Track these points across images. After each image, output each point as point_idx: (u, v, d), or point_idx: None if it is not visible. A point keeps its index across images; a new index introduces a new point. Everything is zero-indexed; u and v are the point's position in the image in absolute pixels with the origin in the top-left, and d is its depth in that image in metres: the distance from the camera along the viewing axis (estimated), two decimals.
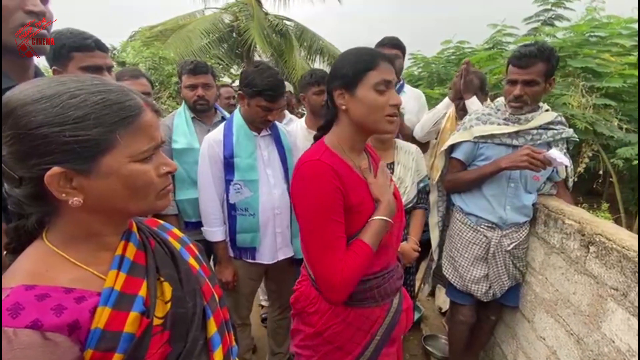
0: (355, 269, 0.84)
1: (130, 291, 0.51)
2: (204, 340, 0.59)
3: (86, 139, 0.45)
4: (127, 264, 0.53)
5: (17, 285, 0.44)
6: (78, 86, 0.46)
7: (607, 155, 2.38)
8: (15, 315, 0.42)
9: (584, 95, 2.39)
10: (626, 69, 2.33)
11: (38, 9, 0.76)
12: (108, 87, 0.48)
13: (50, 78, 0.49)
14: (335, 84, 0.88)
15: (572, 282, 1.25)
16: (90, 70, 1.12)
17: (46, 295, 0.45)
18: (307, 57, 9.88)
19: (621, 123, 2.34)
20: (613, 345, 1.04)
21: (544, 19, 3.86)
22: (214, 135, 1.48)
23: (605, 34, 2.60)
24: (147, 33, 8.17)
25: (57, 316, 0.44)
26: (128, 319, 0.49)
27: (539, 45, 1.33)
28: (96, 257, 0.52)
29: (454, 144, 1.57)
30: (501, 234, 1.48)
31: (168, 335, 0.53)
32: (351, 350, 0.96)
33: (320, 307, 0.96)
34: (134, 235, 0.57)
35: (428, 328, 2.31)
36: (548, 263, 1.40)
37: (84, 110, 0.45)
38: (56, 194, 0.46)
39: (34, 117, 0.43)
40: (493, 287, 1.52)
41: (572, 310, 1.23)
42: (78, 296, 0.47)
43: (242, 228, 1.48)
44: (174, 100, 6.27)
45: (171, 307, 0.54)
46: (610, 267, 1.06)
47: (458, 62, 4.08)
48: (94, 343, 0.46)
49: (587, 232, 1.17)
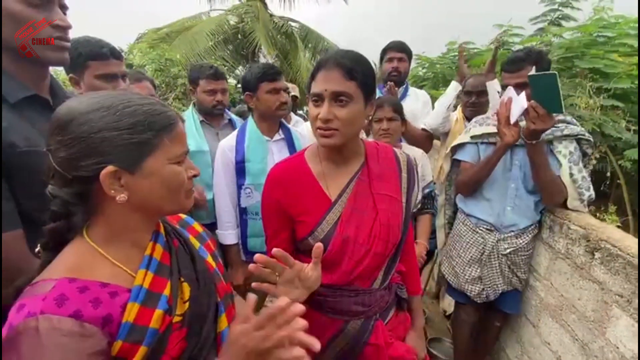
0: None
1: (156, 290, 0.56)
2: (214, 335, 0.64)
3: (138, 141, 0.52)
4: (155, 264, 0.58)
5: (61, 278, 0.50)
6: (128, 98, 0.54)
7: (614, 157, 2.36)
8: (61, 305, 0.47)
9: (591, 97, 2.37)
10: (634, 69, 2.30)
11: (65, 23, 0.80)
12: (151, 100, 0.56)
13: (100, 93, 0.56)
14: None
15: (577, 288, 1.25)
16: (105, 78, 1.15)
17: (86, 288, 0.50)
18: (312, 59, 9.89)
19: (629, 124, 2.31)
20: (617, 352, 1.03)
21: (551, 19, 3.81)
22: (228, 142, 1.51)
23: (613, 34, 2.57)
24: (154, 35, 8.26)
25: (94, 308, 0.49)
26: (154, 316, 0.53)
27: (527, 49, 1.40)
28: (128, 255, 0.57)
29: (459, 149, 1.60)
30: (499, 237, 1.47)
31: (185, 332, 0.58)
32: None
33: None
34: (161, 236, 0.63)
35: (433, 331, 2.31)
36: (553, 268, 1.40)
37: (137, 118, 0.53)
38: (107, 189, 0.52)
39: (95, 123, 0.51)
40: (486, 289, 1.51)
41: (577, 315, 1.23)
42: (112, 291, 0.52)
43: (253, 232, 1.51)
44: (180, 102, 6.33)
45: (189, 307, 0.59)
46: (615, 274, 1.06)
47: None
48: (124, 335, 0.51)
49: (592, 238, 1.17)
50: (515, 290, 1.53)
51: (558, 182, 1.35)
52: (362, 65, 0.81)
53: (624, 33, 2.54)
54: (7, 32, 0.74)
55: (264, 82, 1.42)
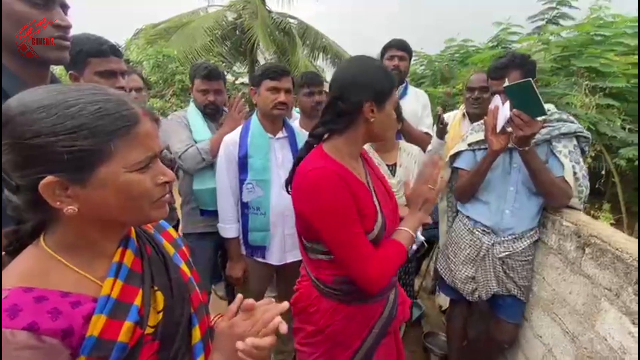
0: (390, 263, 0.92)
1: (126, 300, 0.51)
2: (186, 347, 0.60)
3: (80, 149, 0.45)
4: (125, 272, 0.53)
5: (15, 287, 0.45)
6: (76, 95, 0.46)
7: (609, 155, 2.39)
8: (14, 317, 0.43)
9: (587, 95, 2.39)
10: (629, 68, 2.33)
11: (65, 23, 0.80)
12: (106, 97, 0.48)
13: (51, 87, 0.49)
14: (367, 97, 0.90)
15: (568, 282, 1.28)
16: (105, 75, 1.16)
17: (43, 298, 0.45)
18: (310, 55, 9.86)
19: (624, 123, 2.33)
20: (606, 344, 1.07)
21: (549, 17, 3.82)
22: (231, 137, 1.54)
23: (610, 33, 2.58)
24: (151, 31, 8.21)
25: (52, 320, 0.45)
26: (122, 328, 0.49)
27: (510, 55, 1.40)
28: (93, 263, 0.52)
29: (457, 156, 1.62)
30: (495, 240, 1.46)
31: (158, 345, 0.54)
32: (350, 344, 1.01)
33: (320, 307, 1.01)
34: (132, 241, 0.57)
35: (429, 325, 2.34)
36: (545, 263, 1.43)
37: (79, 120, 0.45)
38: (51, 202, 0.46)
39: (29, 127, 0.44)
40: (479, 289, 1.52)
41: (568, 309, 1.26)
42: (74, 301, 0.47)
43: (254, 226, 1.54)
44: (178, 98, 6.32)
45: (163, 317, 0.55)
46: (604, 268, 1.09)
47: (462, 60, 4.07)
48: (87, 350, 0.46)
49: (583, 234, 1.20)
50: (516, 299, 1.49)
51: (559, 184, 1.33)
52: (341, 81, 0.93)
53: (621, 32, 2.56)
54: (7, 31, 0.75)
55: (266, 79, 1.46)
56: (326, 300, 1.00)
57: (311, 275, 1.04)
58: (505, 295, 1.50)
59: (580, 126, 1.40)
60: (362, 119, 0.92)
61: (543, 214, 1.46)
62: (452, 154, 1.65)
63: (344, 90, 0.91)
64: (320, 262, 1.00)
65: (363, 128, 0.93)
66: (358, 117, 0.92)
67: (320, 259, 1.00)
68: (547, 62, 2.66)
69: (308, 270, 1.05)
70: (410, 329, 2.23)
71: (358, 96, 0.90)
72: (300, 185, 0.91)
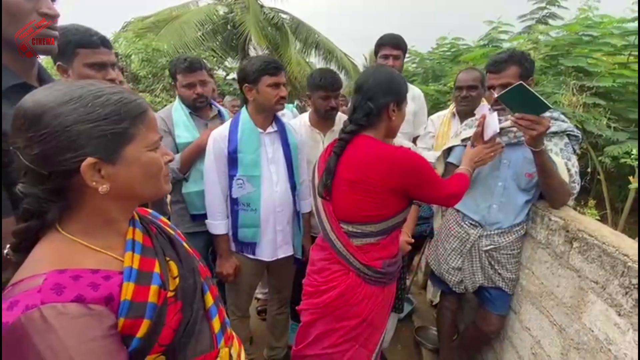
0: (462, 183, 1.24)
1: (146, 269, 0.58)
2: (203, 311, 0.68)
3: (112, 132, 0.52)
4: (139, 247, 0.59)
5: (50, 270, 0.49)
6: (97, 88, 0.53)
7: (595, 153, 2.45)
8: (60, 293, 0.47)
9: (574, 94, 2.44)
10: (616, 68, 2.38)
11: (53, 12, 0.78)
12: (119, 89, 0.56)
13: (66, 83, 0.54)
14: (392, 99, 1.14)
15: (556, 276, 1.31)
16: (94, 66, 1.13)
17: (79, 276, 0.50)
18: (302, 51, 9.80)
19: (610, 122, 2.39)
20: (592, 335, 1.10)
21: (539, 17, 3.89)
22: (220, 131, 1.49)
23: (598, 33, 2.64)
24: (140, 24, 8.03)
25: (94, 291, 0.50)
26: (150, 291, 0.56)
27: (510, 51, 1.41)
28: (111, 242, 0.58)
29: (450, 150, 1.64)
30: (482, 233, 1.48)
31: (180, 304, 0.61)
32: (381, 325, 1.15)
33: (366, 293, 1.11)
34: (137, 222, 0.64)
35: (420, 320, 2.37)
36: (534, 258, 1.46)
37: (110, 108, 0.52)
38: (88, 182, 0.51)
39: (68, 116, 0.50)
40: (465, 280, 1.55)
41: (556, 302, 1.29)
42: (104, 275, 0.53)
43: (244, 223, 1.51)
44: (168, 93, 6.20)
45: (179, 282, 0.62)
46: (591, 262, 1.12)
47: (453, 58, 4.11)
48: (124, 312, 0.52)
49: (571, 229, 1.23)
50: (502, 292, 1.51)
51: (565, 184, 1.33)
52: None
53: (608, 33, 2.61)
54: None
55: (265, 75, 1.40)
56: (370, 287, 1.11)
57: (357, 263, 1.12)
58: (491, 287, 1.52)
59: (571, 125, 1.41)
60: (385, 117, 1.15)
61: (532, 209, 1.48)
62: (445, 149, 1.67)
63: (373, 94, 1.13)
64: (369, 246, 1.13)
65: (385, 125, 1.17)
66: (382, 116, 1.15)
67: (368, 244, 1.13)
68: (536, 61, 2.70)
69: (352, 259, 1.12)
70: (402, 324, 2.26)
71: (385, 98, 1.13)
72: (394, 165, 1.08)
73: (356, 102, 1.16)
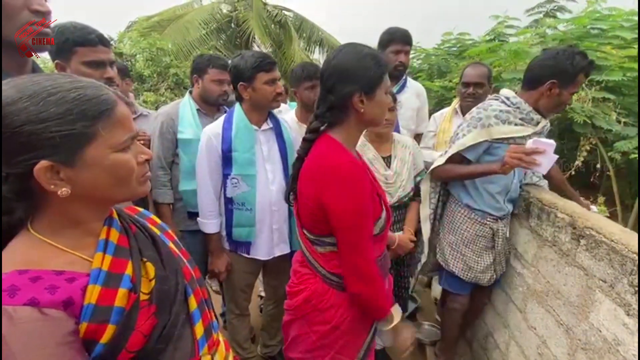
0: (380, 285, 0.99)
1: (117, 270, 0.55)
2: (185, 315, 0.65)
3: (69, 132, 0.48)
4: (112, 247, 0.57)
5: (10, 271, 0.47)
6: (53, 84, 0.49)
7: (605, 149, 2.39)
8: (13, 295, 0.45)
9: (583, 89, 2.38)
10: (626, 62, 2.32)
11: (44, 8, 0.77)
12: (82, 84, 0.51)
13: (23, 78, 0.50)
14: (355, 89, 0.89)
15: (562, 274, 1.27)
16: (93, 65, 1.13)
17: (39, 277, 0.48)
18: (306, 48, 9.77)
19: (620, 117, 2.34)
20: (600, 335, 1.07)
21: (546, 10, 3.81)
22: (213, 129, 1.46)
23: (607, 26, 2.57)
24: (144, 23, 8.06)
25: (51, 294, 0.47)
26: (117, 295, 0.53)
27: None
28: (82, 243, 0.55)
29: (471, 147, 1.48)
30: (503, 223, 1.58)
31: (154, 308, 0.58)
32: (362, 333, 1.03)
33: (335, 302, 0.99)
34: (115, 221, 0.61)
35: (424, 319, 2.35)
36: (540, 255, 1.43)
37: (64, 107, 0.48)
38: (45, 185, 0.48)
39: (17, 116, 0.46)
40: (496, 272, 1.62)
41: (562, 301, 1.26)
42: (69, 277, 0.50)
43: (238, 222, 1.50)
44: (172, 92, 6.23)
45: (155, 284, 0.59)
46: (599, 260, 1.09)
47: (459, 54, 4.05)
48: (87, 317, 0.50)
49: (578, 226, 1.19)
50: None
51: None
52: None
53: (617, 25, 2.55)
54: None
55: (261, 72, 1.37)
56: (340, 294, 0.99)
57: (322, 270, 1.01)
58: None
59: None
60: (352, 111, 0.93)
61: (538, 205, 1.46)
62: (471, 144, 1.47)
63: (332, 84, 0.91)
64: (332, 254, 0.99)
65: (355, 118, 0.94)
66: (348, 110, 0.93)
67: (331, 252, 0.99)
68: None
69: (317, 265, 1.03)
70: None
71: (346, 88, 0.89)
72: (327, 177, 0.89)
73: (320, 94, 0.96)
